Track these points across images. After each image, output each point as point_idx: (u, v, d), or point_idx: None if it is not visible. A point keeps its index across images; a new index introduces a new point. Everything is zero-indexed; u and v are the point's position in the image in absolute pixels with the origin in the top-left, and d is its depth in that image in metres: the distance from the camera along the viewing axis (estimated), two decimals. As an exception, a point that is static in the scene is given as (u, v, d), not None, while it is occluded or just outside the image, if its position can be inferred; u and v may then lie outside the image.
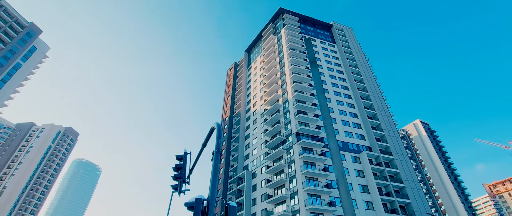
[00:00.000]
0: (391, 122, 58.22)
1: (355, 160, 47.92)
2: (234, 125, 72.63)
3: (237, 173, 59.43)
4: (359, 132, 53.11)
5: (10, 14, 75.38)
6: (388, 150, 51.76)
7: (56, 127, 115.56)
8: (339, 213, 39.73)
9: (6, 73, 72.55)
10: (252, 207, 50.59)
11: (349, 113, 55.73)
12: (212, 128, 6.61)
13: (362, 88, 61.96)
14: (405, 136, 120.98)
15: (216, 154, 5.74)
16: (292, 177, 43.98)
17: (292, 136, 48.39)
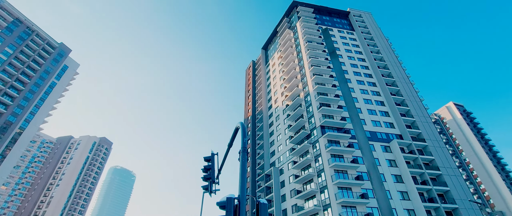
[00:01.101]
0: (422, 107, 55.27)
1: (385, 150, 46.19)
2: (257, 123, 72.94)
3: (264, 170, 59.69)
4: (387, 120, 51.04)
5: (42, 37, 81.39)
6: (420, 137, 49.24)
7: (92, 138, 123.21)
8: (373, 205, 38.53)
9: (44, 92, 78.53)
10: (282, 203, 50.60)
11: (375, 102, 53.73)
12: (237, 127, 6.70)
13: (386, 74, 59.42)
14: (438, 120, 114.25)
15: (242, 153, 5.81)
16: (320, 171, 43.33)
17: (316, 130, 47.64)
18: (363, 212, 37.35)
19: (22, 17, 77.16)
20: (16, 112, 69.74)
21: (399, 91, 55.95)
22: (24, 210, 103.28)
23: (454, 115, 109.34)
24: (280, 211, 49.95)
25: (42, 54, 79.55)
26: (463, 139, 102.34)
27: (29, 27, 78.44)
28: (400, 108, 52.46)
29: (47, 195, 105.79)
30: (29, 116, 73.25)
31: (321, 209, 40.51)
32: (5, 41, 71.11)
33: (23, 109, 71.40)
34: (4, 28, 71.78)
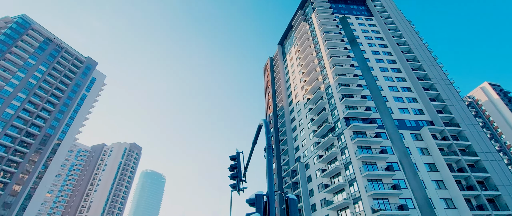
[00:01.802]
0: (453, 90, 52.00)
1: (415, 138, 44.07)
2: (279, 119, 72.67)
3: (290, 166, 59.41)
4: (416, 107, 48.62)
5: (70, 53, 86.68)
6: (453, 122, 46.40)
7: (123, 144, 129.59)
8: (406, 195, 37.00)
9: (76, 105, 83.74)
10: (310, 199, 50.12)
11: (401, 88, 51.37)
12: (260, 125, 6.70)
13: (411, 59, 56.54)
14: (472, 103, 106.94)
15: (267, 150, 5.80)
16: (348, 164, 42.32)
17: (340, 122, 46.53)
18: (396, 204, 35.99)
19: (51, 36, 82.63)
20: (53, 125, 75.04)
21: (426, 75, 53.04)
22: (68, 215, 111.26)
23: (490, 96, 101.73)
24: (308, 206, 49.53)
25: (72, 69, 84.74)
26: (502, 121, 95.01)
27: (58, 45, 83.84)
28: (429, 93, 49.75)
29: (87, 200, 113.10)
30: (65, 128, 78.52)
31: (351, 202, 39.61)
32: (38, 60, 76.63)
33: (59, 122, 76.66)
34: (36, 48, 77.35)
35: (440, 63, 57.43)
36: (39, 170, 69.15)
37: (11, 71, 69.71)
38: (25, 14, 79.38)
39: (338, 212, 42.02)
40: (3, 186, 61.93)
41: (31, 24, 79.07)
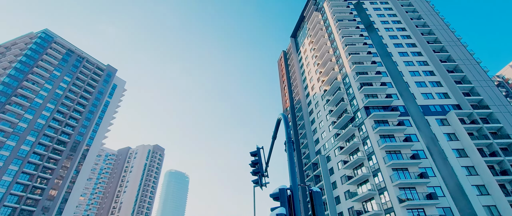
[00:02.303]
0: (480, 70, 49.08)
1: (441, 123, 42.15)
2: (297, 112, 72.11)
3: (310, 159, 58.94)
4: (440, 91, 46.40)
5: (91, 62, 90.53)
6: (482, 104, 43.86)
7: (146, 147, 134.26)
8: (434, 184, 35.61)
9: (101, 111, 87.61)
10: (333, 191, 49.55)
11: (423, 72, 49.19)
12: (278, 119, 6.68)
13: (433, 40, 53.88)
14: (503, 82, 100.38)
15: (288, 144, 5.79)
16: (371, 154, 41.31)
17: (360, 111, 45.39)
18: (424, 193, 34.75)
19: (72, 47, 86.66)
20: (81, 132, 79.09)
21: (449, 56, 50.38)
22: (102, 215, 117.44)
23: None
24: (332, 198, 49.01)
25: (94, 77, 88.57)
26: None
27: (80, 55, 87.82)
28: (453, 75, 47.28)
29: (117, 201, 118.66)
30: (92, 134, 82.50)
31: (376, 193, 38.73)
32: (63, 72, 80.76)
33: (86, 128, 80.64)
34: (60, 60, 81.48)
35: (464, 43, 54.30)
36: (71, 175, 73.32)
37: (39, 84, 74.00)
38: (47, 29, 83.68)
39: (363, 204, 41.25)
40: (41, 192, 66.33)
41: (53, 38, 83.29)
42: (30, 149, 66.81)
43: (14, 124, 65.71)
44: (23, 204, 62.17)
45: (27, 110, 69.27)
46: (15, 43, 79.88)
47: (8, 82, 68.85)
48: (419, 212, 33.38)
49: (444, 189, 35.16)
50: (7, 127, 64.33)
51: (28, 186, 64.13)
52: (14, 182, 62.03)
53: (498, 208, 33.66)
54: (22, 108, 68.60)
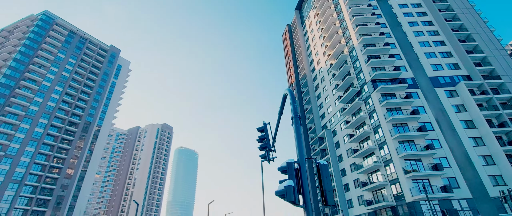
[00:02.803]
0: (493, 39, 47.15)
1: (450, 95, 41.42)
2: (302, 88, 71.66)
3: (317, 134, 59.50)
4: (450, 62, 45.08)
5: (94, 43, 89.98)
6: (493, 74, 42.67)
7: (155, 126, 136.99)
8: (440, 155, 35.83)
9: (108, 92, 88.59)
10: (339, 164, 50.51)
11: (433, 43, 47.50)
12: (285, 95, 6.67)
13: (444, 8, 51.41)
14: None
15: (295, 118, 5.82)
16: (377, 127, 41.39)
17: (367, 85, 44.81)
18: (430, 164, 35.12)
19: (74, 29, 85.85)
20: (91, 113, 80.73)
21: (462, 25, 48.27)
22: (117, 192, 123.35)
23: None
24: (338, 171, 50.09)
25: (98, 58, 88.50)
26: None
27: (82, 37, 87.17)
28: (465, 44, 45.61)
29: (131, 178, 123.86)
30: (101, 115, 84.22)
31: (381, 165, 39.34)
32: (67, 53, 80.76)
33: (95, 110, 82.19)
34: (63, 42, 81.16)
35: (478, 10, 51.69)
36: (85, 154, 76.09)
37: (45, 67, 74.54)
38: (47, 10, 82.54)
39: (369, 175, 42.13)
40: (59, 171, 69.46)
41: (54, 19, 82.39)
42: (44, 131, 68.96)
43: (25, 108, 67.33)
44: (43, 182, 65.48)
45: (37, 93, 70.51)
46: (17, 27, 79.44)
47: (15, 66, 69.50)
48: (424, 182, 33.99)
49: (450, 160, 35.43)
50: (19, 110, 66.02)
51: (46, 166, 67.10)
52: (32, 162, 64.88)
53: (503, 178, 33.97)
54: (31, 91, 69.81)
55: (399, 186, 35.73)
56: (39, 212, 63.58)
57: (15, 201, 60.20)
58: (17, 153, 63.08)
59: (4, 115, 63.73)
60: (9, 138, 63.02)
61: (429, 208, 31.17)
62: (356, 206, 44.12)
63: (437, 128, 37.76)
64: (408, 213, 33.33)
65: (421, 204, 32.77)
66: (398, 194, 35.84)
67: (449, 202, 32.66)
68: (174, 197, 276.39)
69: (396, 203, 35.96)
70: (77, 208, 70.36)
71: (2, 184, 59.22)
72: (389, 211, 37.10)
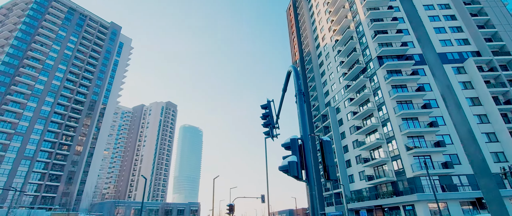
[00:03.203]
0: (506, 14, 45.25)
1: (458, 71, 40.70)
2: (307, 65, 70.71)
3: (320, 111, 59.62)
4: (460, 37, 43.70)
5: (95, 20, 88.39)
6: (504, 50, 41.45)
7: (159, 104, 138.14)
8: (443, 132, 35.95)
9: (111, 70, 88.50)
10: (342, 141, 51.08)
11: (443, 17, 45.79)
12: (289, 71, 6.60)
13: (458, -20, 48.83)
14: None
15: (299, 95, 5.81)
16: (381, 105, 41.24)
17: (373, 62, 44.01)
18: (433, 141, 35.36)
19: (73, 6, 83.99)
20: (95, 91, 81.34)
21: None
22: (125, 167, 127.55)
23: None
24: (340, 147, 50.79)
25: (99, 36, 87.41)
26: None
27: (82, 13, 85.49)
28: (476, 19, 43.90)
29: (138, 154, 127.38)
30: (106, 93, 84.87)
31: (384, 142, 39.70)
32: (68, 31, 79.74)
33: (100, 88, 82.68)
34: (63, 19, 79.82)
35: (494, -19, 49.00)
36: (93, 131, 77.78)
37: (47, 45, 74.05)
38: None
39: (371, 152, 42.70)
40: (68, 148, 71.52)
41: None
42: (51, 109, 70.10)
43: (31, 86, 67.93)
44: (53, 159, 67.76)
45: (41, 72, 70.74)
46: (15, 3, 77.94)
47: (17, 45, 69.15)
48: (426, 158, 34.44)
49: (453, 137, 35.58)
50: (25, 89, 66.69)
51: (55, 143, 69.04)
52: (42, 139, 66.71)
53: (505, 154, 34.27)
54: (35, 70, 70.01)
55: (400, 162, 36.30)
56: (52, 186, 66.47)
57: (29, 177, 62.79)
58: (26, 130, 64.70)
59: (11, 94, 64.57)
60: (18, 116, 64.33)
61: (429, 184, 31.86)
62: (357, 181, 45.25)
63: (442, 105, 37.54)
64: (408, 188, 34.16)
65: (421, 179, 33.46)
66: (399, 170, 36.52)
67: (449, 178, 33.29)
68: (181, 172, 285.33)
69: (396, 179, 36.76)
70: (88, 183, 73.32)
71: (15, 160, 61.45)
72: (389, 186, 38.05)
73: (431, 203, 31.33)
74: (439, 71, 4.16)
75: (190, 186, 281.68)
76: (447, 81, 3.99)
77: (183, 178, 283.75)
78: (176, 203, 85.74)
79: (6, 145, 61.02)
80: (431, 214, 31.00)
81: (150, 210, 72.87)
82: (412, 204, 32.78)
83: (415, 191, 32.66)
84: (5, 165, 59.91)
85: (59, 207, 64.78)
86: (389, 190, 37.76)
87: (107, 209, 65.47)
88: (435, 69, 4.19)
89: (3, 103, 62.96)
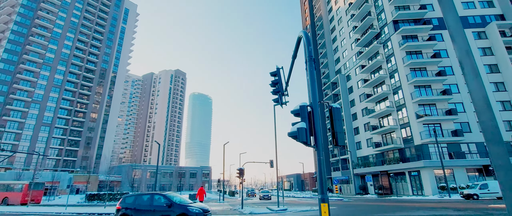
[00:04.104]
0: (542, -32, 41.00)
1: (478, 37, 38.51)
2: (317, 30, 68.09)
3: (330, 79, 58.70)
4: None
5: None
6: (533, 11, 38.43)
7: (168, 72, 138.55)
8: (456, 100, 35.17)
9: (119, 38, 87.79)
10: (351, 108, 50.92)
11: (468, -25, 42.10)
12: (299, 37, 6.38)
13: None
14: None
15: (309, 62, 5.69)
16: (393, 72, 40.12)
17: (388, 26, 41.90)
18: (444, 109, 34.80)
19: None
20: (105, 60, 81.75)
21: (507, -48, 41.66)
22: (139, 134, 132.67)
23: None
24: (349, 115, 50.81)
25: (105, 2, 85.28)
26: None
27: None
28: (506, -24, 40.16)
29: (150, 122, 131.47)
30: (116, 61, 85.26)
31: (394, 109, 39.36)
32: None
33: (109, 56, 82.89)
34: (68, -16, 77.57)
35: None
36: (105, 99, 79.84)
37: (53, 13, 73.16)
38: None
39: (380, 120, 42.63)
40: (83, 115, 74.24)
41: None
42: (64, 78, 71.54)
43: (42, 55, 68.70)
44: (71, 125, 70.85)
45: (50, 40, 70.93)
46: (17, -33, 75.62)
47: (24, 12, 68.63)
48: (436, 126, 34.24)
49: (466, 105, 34.86)
50: (36, 58, 67.61)
51: (71, 111, 71.63)
52: (58, 107, 69.20)
53: (519, 122, 33.62)
54: (44, 38, 70.17)
55: (409, 130, 36.29)
56: (72, 151, 70.45)
57: (49, 142, 66.43)
58: (42, 98, 66.96)
59: (24, 63, 65.74)
60: (33, 85, 66.17)
61: (437, 151, 32.06)
62: (364, 148, 45.93)
63: (458, 73, 36.23)
64: (415, 155, 34.55)
65: (429, 147, 33.63)
66: (407, 138, 36.66)
67: (458, 145, 33.31)
68: (192, 138, 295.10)
69: (404, 146, 37.06)
70: (105, 147, 77.22)
71: (35, 127, 64.62)
72: (396, 153, 38.55)
73: (437, 170, 31.84)
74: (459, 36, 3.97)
75: (201, 151, 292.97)
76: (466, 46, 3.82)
77: (194, 144, 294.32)
78: (188, 167, 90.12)
79: (25, 113, 63.79)
80: (436, 179, 31.67)
81: (165, 173, 77.12)
82: (418, 170, 33.41)
83: (422, 158, 33.04)
84: (26, 131, 63.23)
85: (80, 169, 69.30)
86: (396, 156, 38.33)
87: (125, 171, 69.67)
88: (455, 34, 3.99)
89: (17, 72, 64.50)
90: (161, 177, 74.78)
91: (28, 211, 19.95)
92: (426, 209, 15.95)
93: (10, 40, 65.13)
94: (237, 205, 25.23)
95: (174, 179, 74.87)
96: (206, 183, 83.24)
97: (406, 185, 35.47)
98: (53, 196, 44.11)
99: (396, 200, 26.64)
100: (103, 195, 29.98)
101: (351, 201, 28.25)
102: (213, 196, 48.35)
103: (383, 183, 39.53)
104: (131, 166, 72.88)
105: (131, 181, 57.96)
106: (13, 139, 61.27)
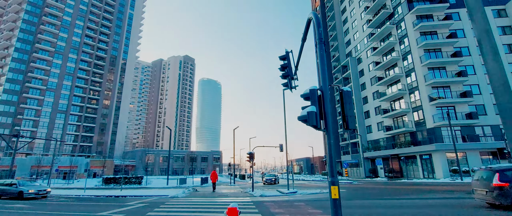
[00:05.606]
0: None
1: (498, 15, 36.54)
2: (327, 12, 66.07)
3: (340, 62, 57.53)
4: (507, -28, 38.01)
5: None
6: (561, -15, 35.89)
7: (177, 58, 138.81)
8: (471, 82, 33.99)
9: (127, 25, 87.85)
10: (362, 92, 50.10)
11: None
12: (309, 19, 6.21)
13: None
14: None
15: (319, 45, 5.56)
16: (406, 54, 38.88)
17: (401, 6, 40.19)
18: (459, 91, 33.76)
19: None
20: (114, 47, 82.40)
21: None
22: (151, 119, 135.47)
23: None
24: (360, 99, 50.09)
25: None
26: None
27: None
28: None
29: (161, 108, 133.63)
30: (125, 48, 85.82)
31: (406, 92, 38.49)
32: (81, -17, 77.78)
33: (118, 43, 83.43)
34: (74, -30, 77.21)
35: None
36: (117, 86, 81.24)
37: (62, 1, 73.51)
38: None
39: (391, 103, 41.89)
40: (96, 102, 76.07)
41: None
42: (76, 66, 72.89)
43: (53, 44, 69.82)
44: (85, 112, 72.90)
45: (60, 28, 71.74)
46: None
47: (33, 1, 69.25)
48: (449, 109, 33.42)
49: (482, 87, 33.69)
50: (48, 46, 68.81)
51: (84, 98, 73.46)
52: (71, 95, 71.05)
53: (539, 104, 32.32)
54: (54, 27, 71.01)
55: (421, 113, 35.59)
56: (87, 137, 72.88)
57: (65, 128, 68.81)
58: (56, 86, 68.75)
59: (37, 52, 67.09)
60: (46, 73, 67.79)
61: (450, 134, 31.47)
62: (375, 132, 45.53)
63: (474, 53, 34.79)
64: (427, 138, 34.04)
65: (442, 130, 33.01)
66: (419, 121, 36.02)
67: (472, 128, 32.55)
68: (202, 123, 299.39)
69: (416, 129, 36.51)
70: (119, 133, 79.46)
71: (51, 114, 66.85)
72: (408, 136, 38.07)
73: (449, 153, 31.39)
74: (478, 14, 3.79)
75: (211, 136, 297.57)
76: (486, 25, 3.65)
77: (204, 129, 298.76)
78: (199, 151, 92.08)
79: (41, 101, 65.86)
80: (448, 163, 31.31)
81: (177, 157, 79.17)
82: (430, 153, 33.03)
83: (434, 141, 32.56)
84: (43, 118, 65.55)
85: (96, 154, 71.93)
86: (407, 140, 37.89)
87: (139, 156, 71.89)
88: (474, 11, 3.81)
89: (30, 61, 66.04)
90: (173, 161, 76.88)
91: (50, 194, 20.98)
92: (437, 192, 15.90)
93: (22, 29, 66.27)
94: (248, 187, 25.83)
95: (186, 163, 76.88)
96: (217, 167, 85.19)
97: (417, 168, 35.26)
98: (72, 180, 46.23)
99: (406, 183, 26.62)
100: (119, 179, 31.21)
101: (360, 184, 28.43)
102: (224, 179, 49.70)
103: (394, 167, 39.41)
104: (144, 151, 74.98)
105: (144, 165, 59.80)
106: (31, 126, 63.76)
